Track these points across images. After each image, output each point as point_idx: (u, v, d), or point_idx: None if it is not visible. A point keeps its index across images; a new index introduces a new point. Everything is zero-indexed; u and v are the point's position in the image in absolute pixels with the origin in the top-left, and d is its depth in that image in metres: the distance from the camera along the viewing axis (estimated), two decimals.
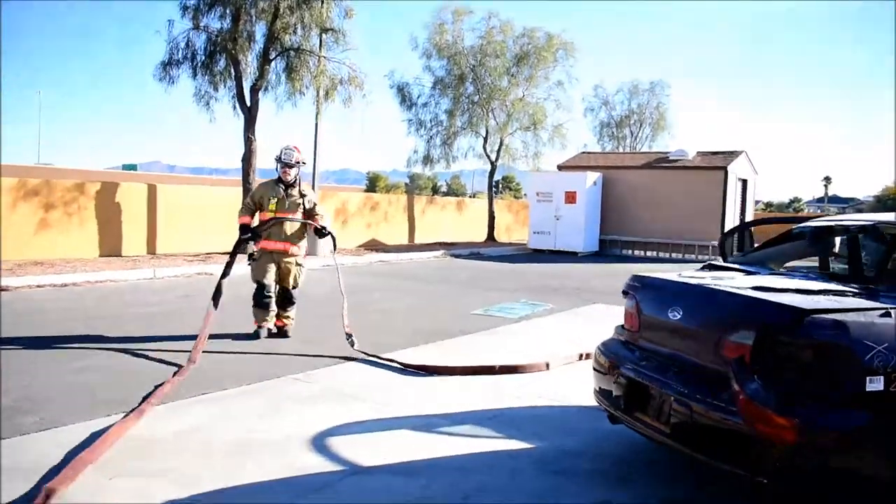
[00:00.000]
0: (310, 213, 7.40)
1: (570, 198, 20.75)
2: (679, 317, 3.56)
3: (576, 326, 8.58)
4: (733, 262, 4.51)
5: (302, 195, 7.37)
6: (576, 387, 5.50)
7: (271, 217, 7.24)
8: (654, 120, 32.84)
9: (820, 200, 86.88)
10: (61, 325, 7.64)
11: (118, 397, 4.95)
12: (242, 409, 4.84)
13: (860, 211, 70.75)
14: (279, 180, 7.36)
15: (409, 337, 7.59)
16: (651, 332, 3.86)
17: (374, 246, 20.59)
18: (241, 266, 7.61)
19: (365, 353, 6.57)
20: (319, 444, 4.20)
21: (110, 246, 14.76)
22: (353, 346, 6.74)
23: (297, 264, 7.39)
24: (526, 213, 29.08)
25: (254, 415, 4.71)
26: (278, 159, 7.34)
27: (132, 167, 66.34)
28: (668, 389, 3.41)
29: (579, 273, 15.61)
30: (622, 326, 4.26)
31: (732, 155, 20.94)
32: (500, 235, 25.66)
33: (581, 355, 6.52)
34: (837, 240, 4.58)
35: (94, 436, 4.08)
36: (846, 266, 3.95)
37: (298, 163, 7.38)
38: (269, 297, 7.27)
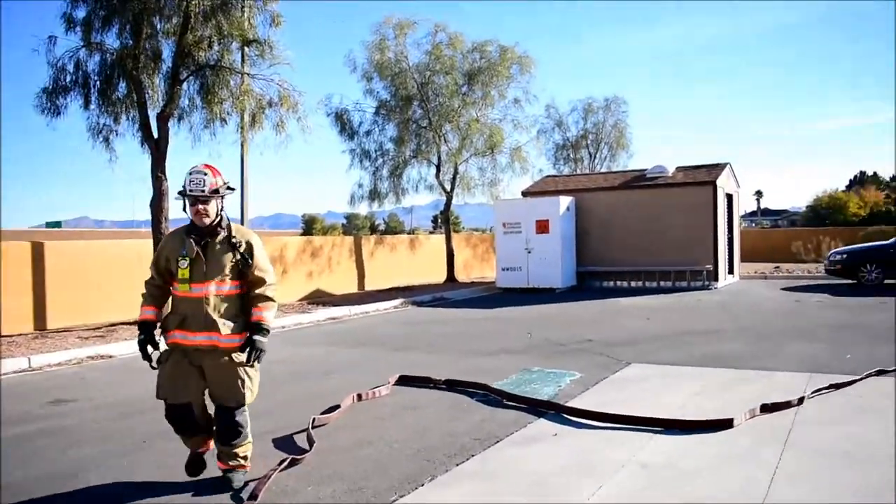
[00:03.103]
0: (251, 276, 4.28)
1: (543, 227, 18.17)
2: None
3: (638, 407, 5.81)
4: None
5: (232, 245, 4.25)
6: None
7: (184, 292, 4.22)
8: (612, 139, 30.66)
9: (753, 214, 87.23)
10: None
11: None
12: None
13: (794, 223, 70.92)
14: (192, 227, 4.30)
15: (401, 464, 4.70)
16: None
17: (319, 298, 17.59)
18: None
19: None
20: None
21: None
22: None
23: (238, 363, 4.22)
24: (484, 247, 26.53)
25: None
26: (183, 192, 4.23)
27: (56, 224, 61.74)
28: None
29: (573, 317, 12.94)
30: None
31: (717, 168, 18.71)
32: (459, 274, 22.89)
33: None
34: None
35: None
36: None
37: (217, 191, 4.23)
38: (193, 421, 4.30)
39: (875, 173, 67.35)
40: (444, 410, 6.16)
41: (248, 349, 4.19)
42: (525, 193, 20.73)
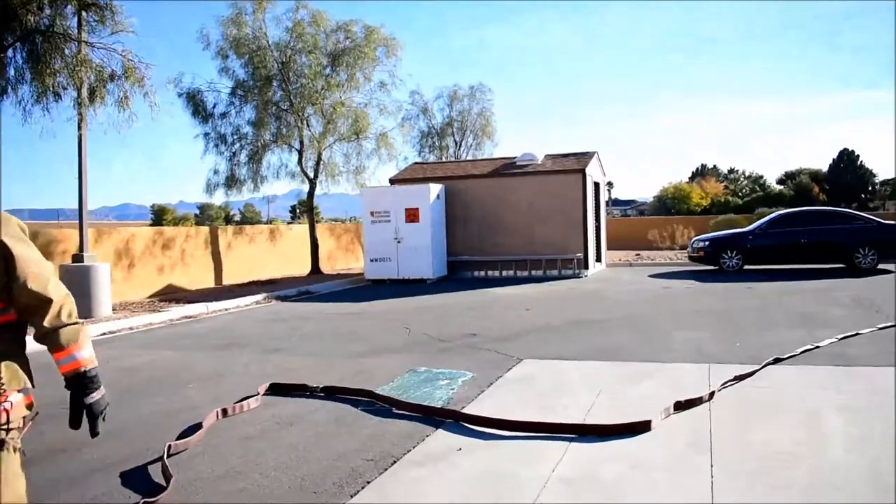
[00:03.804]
0: (22, 297, 2.27)
1: (413, 216, 17.52)
2: None
3: (543, 410, 5.21)
4: None
5: None
6: None
7: None
8: (477, 127, 30.44)
9: (605, 203, 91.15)
10: None
11: None
12: None
13: (643, 213, 74.91)
14: None
15: (281, 501, 3.86)
16: None
17: (172, 294, 16.10)
18: None
19: None
20: None
21: None
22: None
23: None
24: (349, 237, 25.62)
25: None
26: None
27: None
28: None
29: (450, 309, 12.36)
30: None
31: (585, 156, 18.75)
32: (324, 265, 21.85)
33: None
34: None
35: None
36: None
37: None
38: None
39: (715, 166, 71.63)
40: (327, 425, 5.32)
41: (82, 414, 2.39)
42: (393, 181, 19.99)
